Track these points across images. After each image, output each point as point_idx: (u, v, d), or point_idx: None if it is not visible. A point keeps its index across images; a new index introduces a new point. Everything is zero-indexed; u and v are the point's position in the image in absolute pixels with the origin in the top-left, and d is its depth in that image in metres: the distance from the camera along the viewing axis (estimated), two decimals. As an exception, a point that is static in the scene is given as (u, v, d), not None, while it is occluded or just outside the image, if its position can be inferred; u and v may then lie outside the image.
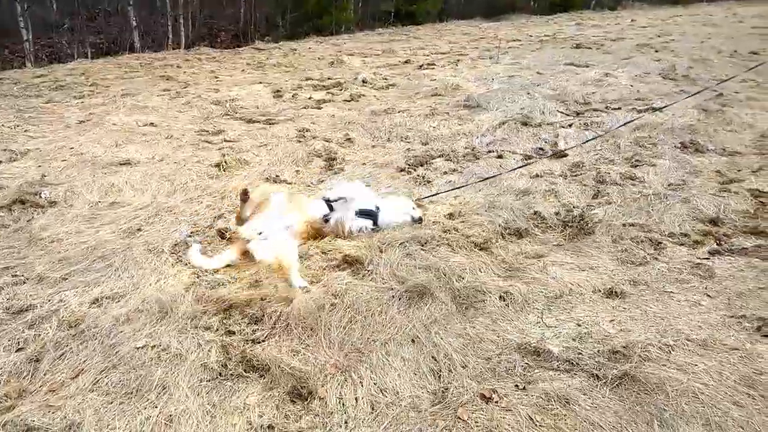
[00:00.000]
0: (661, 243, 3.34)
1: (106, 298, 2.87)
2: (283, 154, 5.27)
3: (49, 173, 4.69)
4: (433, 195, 4.06)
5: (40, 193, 4.19)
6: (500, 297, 2.74)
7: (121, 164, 5.02)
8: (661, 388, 2.14)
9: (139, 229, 3.65)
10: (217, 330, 2.53)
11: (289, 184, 4.60)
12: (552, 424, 2.00)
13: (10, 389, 2.23)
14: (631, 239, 3.38)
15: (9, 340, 2.56)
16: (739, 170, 4.51)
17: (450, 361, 2.29)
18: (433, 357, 2.32)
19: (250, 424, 2.02)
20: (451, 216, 3.74)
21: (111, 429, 2.01)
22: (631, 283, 2.93)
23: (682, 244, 3.34)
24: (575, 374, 2.25)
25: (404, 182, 4.57)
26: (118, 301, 2.83)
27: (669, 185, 4.24)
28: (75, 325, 2.61)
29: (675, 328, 2.54)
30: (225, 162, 4.93)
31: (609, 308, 2.72)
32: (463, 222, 3.63)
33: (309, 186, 4.57)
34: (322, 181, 4.69)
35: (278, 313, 2.59)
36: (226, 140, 5.80)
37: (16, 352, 2.48)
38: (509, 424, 2.00)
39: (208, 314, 2.64)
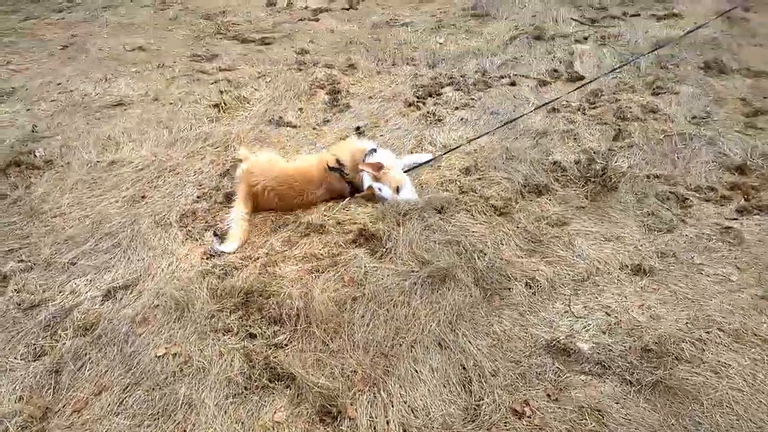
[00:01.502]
0: (687, 200, 3.07)
1: (119, 288, 2.67)
2: (283, 86, 4.77)
3: (39, 122, 4.25)
4: (452, 150, 3.65)
5: (35, 152, 3.82)
6: (526, 284, 2.53)
7: (114, 106, 4.56)
8: (695, 396, 2.02)
9: (143, 197, 3.34)
10: (237, 333, 2.36)
11: (294, 127, 4.19)
12: (586, 445, 1.90)
13: (33, 408, 2.11)
14: (656, 196, 3.10)
15: (26, 346, 2.40)
16: (765, 97, 4.09)
17: (479, 369, 2.15)
18: (462, 366, 2.17)
19: (282, 451, 1.93)
20: (467, 171, 3.42)
21: (142, 461, 1.91)
22: (659, 255, 2.71)
23: (708, 200, 3.07)
24: (607, 379, 2.12)
25: (414, 121, 4.15)
26: (132, 293, 2.64)
27: (693, 118, 3.86)
28: (91, 329, 2.43)
29: (706, 315, 2.37)
30: (224, 102, 4.46)
31: (637, 289, 2.53)
32: (480, 179, 3.32)
33: (314, 129, 4.17)
34: (327, 122, 4.27)
35: (296, 313, 2.40)
36: (221, 68, 5.24)
37: (34, 361, 2.34)
38: (543, 446, 1.90)
39: (226, 312, 2.46)
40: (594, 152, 3.54)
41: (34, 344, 2.41)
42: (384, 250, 2.79)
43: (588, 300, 2.48)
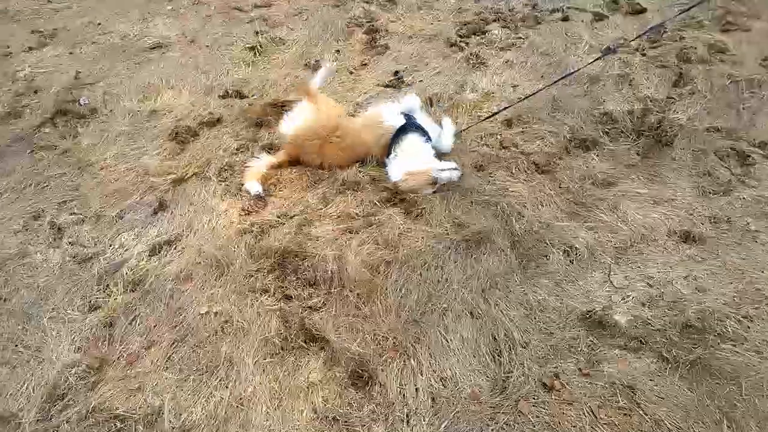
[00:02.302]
0: (749, 157, 2.84)
1: (164, 243, 2.76)
2: (320, 25, 4.57)
3: (82, 68, 4.29)
4: (494, 114, 3.30)
5: (79, 100, 3.88)
6: (564, 252, 2.46)
7: (152, 49, 4.52)
8: (734, 378, 1.96)
9: (182, 150, 3.38)
10: (274, 294, 2.43)
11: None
12: (615, 422, 1.90)
13: (92, 360, 2.29)
14: (715, 153, 2.88)
15: (82, 298, 2.56)
16: None
17: (510, 340, 2.15)
18: (493, 336, 2.17)
19: (316, 413, 2.02)
20: (509, 124, 3.25)
21: (189, 414, 2.06)
22: (712, 220, 2.56)
23: (773, 158, 2.84)
24: (643, 354, 2.08)
25: (456, 65, 3.93)
26: (175, 248, 2.73)
27: (764, 60, 3.49)
28: (140, 284, 2.56)
29: (755, 287, 2.26)
30: (259, 45, 4.34)
31: (684, 258, 2.42)
32: (522, 132, 3.16)
33: (351, 73, 4.03)
34: (365, 65, 4.11)
35: (331, 276, 2.43)
36: (257, 5, 5.05)
37: (90, 313, 2.50)
38: (570, 421, 1.92)
39: (263, 272, 2.52)
40: (651, 101, 3.28)
41: (89, 297, 2.56)
42: (419, 210, 2.75)
43: (630, 269, 2.39)
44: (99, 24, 5.02)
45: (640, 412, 1.91)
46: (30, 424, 2.03)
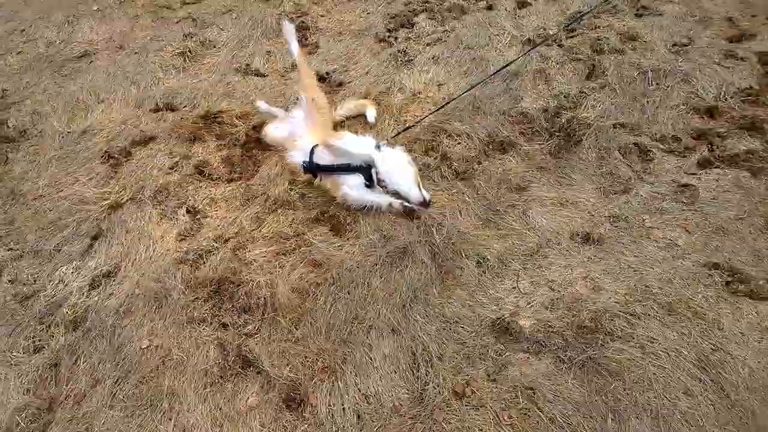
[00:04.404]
0: (649, 152, 3.01)
1: (103, 276, 2.80)
2: (250, 24, 4.47)
3: (8, 82, 4.12)
4: (419, 122, 3.32)
5: (7, 122, 3.76)
6: (477, 263, 2.60)
7: (79, 57, 4.36)
8: (620, 375, 2.18)
9: (115, 173, 3.35)
10: (211, 323, 2.52)
11: (262, 75, 4.01)
12: (517, 422, 2.11)
13: (40, 401, 2.37)
14: (619, 150, 3.04)
15: (26, 339, 2.60)
16: (753, 15, 3.78)
17: (428, 353, 2.31)
18: (412, 352, 2.34)
19: (254, 438, 2.18)
20: (432, 128, 3.32)
21: (136, 449, 2.18)
22: (611, 219, 2.74)
23: (671, 152, 3.01)
24: (542, 357, 2.28)
25: (385, 62, 3.94)
26: (115, 280, 2.77)
27: (673, 46, 3.63)
28: (81, 322, 2.61)
29: (645, 285, 2.46)
30: (189, 50, 4.22)
31: (584, 259, 2.60)
32: (446, 136, 3.24)
33: (283, 76, 3.99)
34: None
35: (264, 302, 2.54)
36: (185, 2, 4.87)
37: (35, 354, 2.55)
38: (478, 425, 2.12)
39: (200, 301, 2.60)
40: (564, 96, 3.39)
41: (32, 337, 2.61)
42: (348, 226, 2.85)
43: (535, 275, 2.57)
44: (23, 30, 4.78)
45: (537, 411, 2.13)
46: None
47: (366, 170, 2.81)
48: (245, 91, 3.85)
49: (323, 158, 2.93)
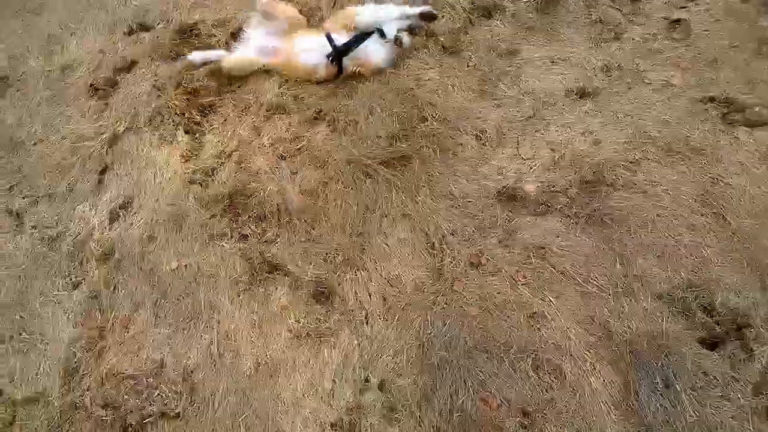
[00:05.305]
0: (639, -12, 2.79)
1: (120, 207, 2.84)
2: None
3: (-27, 30, 3.91)
4: None
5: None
6: (476, 137, 2.56)
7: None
8: (625, 221, 2.22)
9: (106, 104, 3.26)
10: (232, 236, 2.59)
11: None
12: (532, 281, 2.20)
13: (91, 332, 2.54)
14: (607, -9, 2.82)
15: (63, 278, 2.72)
16: None
17: (440, 231, 2.37)
18: (425, 232, 2.39)
19: (291, 332, 2.32)
20: None
21: (188, 359, 2.36)
22: (604, 70, 2.62)
23: (661, -14, 2.79)
24: (549, 217, 2.32)
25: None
26: (132, 210, 2.82)
27: None
28: (110, 254, 2.70)
29: (642, 131, 2.43)
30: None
31: (581, 115, 2.54)
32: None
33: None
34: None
35: (278, 208, 2.58)
36: None
37: (74, 289, 2.68)
38: (497, 289, 2.22)
39: (216, 218, 2.65)
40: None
41: (68, 275, 2.72)
42: (345, 121, 2.78)
43: (534, 139, 2.53)
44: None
45: (549, 267, 2.20)
46: (57, 399, 2.34)
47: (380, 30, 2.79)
48: (218, -3, 3.58)
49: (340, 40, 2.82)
